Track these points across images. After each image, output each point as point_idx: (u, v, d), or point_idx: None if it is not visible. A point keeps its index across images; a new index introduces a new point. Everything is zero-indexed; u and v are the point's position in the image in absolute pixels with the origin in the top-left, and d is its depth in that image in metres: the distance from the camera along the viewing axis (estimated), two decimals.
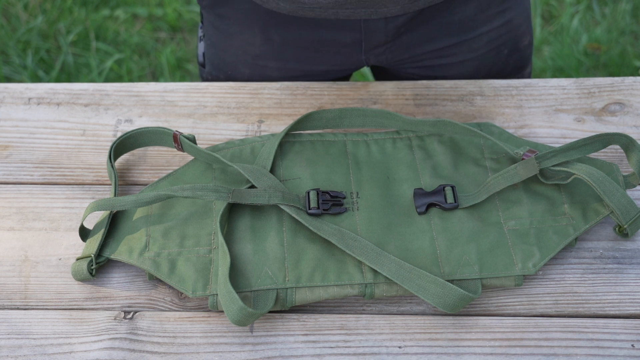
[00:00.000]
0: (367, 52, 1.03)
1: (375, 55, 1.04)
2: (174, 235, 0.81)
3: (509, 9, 1.03)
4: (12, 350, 0.75)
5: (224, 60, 1.08)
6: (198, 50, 1.12)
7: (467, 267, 0.77)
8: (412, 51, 1.04)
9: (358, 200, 0.83)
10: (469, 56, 1.04)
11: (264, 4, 0.95)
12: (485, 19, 1.02)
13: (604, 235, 0.83)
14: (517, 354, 0.73)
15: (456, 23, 1.01)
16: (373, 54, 1.03)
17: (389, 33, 1.00)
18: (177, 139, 0.88)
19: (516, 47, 1.07)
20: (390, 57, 1.04)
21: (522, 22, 1.06)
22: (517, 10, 1.05)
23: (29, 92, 1.01)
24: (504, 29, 1.04)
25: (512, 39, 1.06)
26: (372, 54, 1.03)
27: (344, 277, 0.77)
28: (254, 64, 1.05)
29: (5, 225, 0.86)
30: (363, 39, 1.00)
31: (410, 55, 1.04)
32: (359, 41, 1.01)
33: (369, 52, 1.03)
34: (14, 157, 0.93)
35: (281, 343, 0.75)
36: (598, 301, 0.77)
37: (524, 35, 1.08)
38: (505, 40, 1.05)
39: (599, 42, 2.10)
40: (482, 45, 1.04)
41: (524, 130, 0.94)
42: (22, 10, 2.20)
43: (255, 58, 1.05)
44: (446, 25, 1.01)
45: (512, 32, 1.05)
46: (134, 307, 0.79)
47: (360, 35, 1.00)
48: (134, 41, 2.14)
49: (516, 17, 1.05)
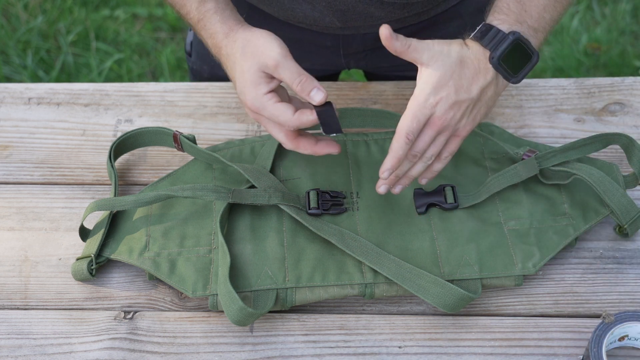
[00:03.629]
0: (347, 56, 1.03)
1: (355, 61, 1.04)
2: (174, 235, 0.81)
3: None
4: (12, 350, 0.75)
5: (208, 52, 1.08)
6: (187, 39, 1.12)
7: (467, 267, 0.77)
8: (393, 61, 1.03)
9: (358, 200, 0.83)
10: None
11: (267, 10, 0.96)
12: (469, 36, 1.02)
13: (604, 235, 0.83)
14: (517, 354, 0.73)
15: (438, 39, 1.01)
16: (353, 59, 1.04)
17: (367, 43, 1.00)
18: (177, 139, 0.88)
19: None
20: (370, 64, 1.04)
21: None
22: None
23: (29, 92, 1.01)
24: None
25: None
26: (352, 59, 1.04)
27: (344, 277, 0.77)
28: None
29: (5, 225, 0.86)
30: (341, 45, 1.01)
31: (391, 64, 1.04)
32: (337, 46, 1.01)
33: (348, 57, 1.03)
34: (14, 157, 0.93)
35: (281, 343, 0.75)
36: (598, 301, 0.77)
37: None
38: None
39: (599, 42, 2.10)
40: None
41: (524, 130, 0.94)
42: (22, 10, 2.19)
43: None
44: None
45: None
46: (134, 307, 0.79)
47: (339, 42, 1.00)
48: (134, 41, 2.14)
49: None
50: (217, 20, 0.80)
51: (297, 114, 0.74)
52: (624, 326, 0.70)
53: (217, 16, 0.80)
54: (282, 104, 0.75)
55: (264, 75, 0.75)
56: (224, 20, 0.80)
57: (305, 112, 0.74)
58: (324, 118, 0.73)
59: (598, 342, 0.69)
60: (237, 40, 0.77)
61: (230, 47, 0.78)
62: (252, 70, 0.75)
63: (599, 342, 0.69)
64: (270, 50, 0.74)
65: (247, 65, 0.75)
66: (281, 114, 0.74)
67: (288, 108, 0.74)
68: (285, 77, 0.74)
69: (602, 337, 0.69)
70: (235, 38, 0.78)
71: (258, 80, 0.75)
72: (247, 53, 0.76)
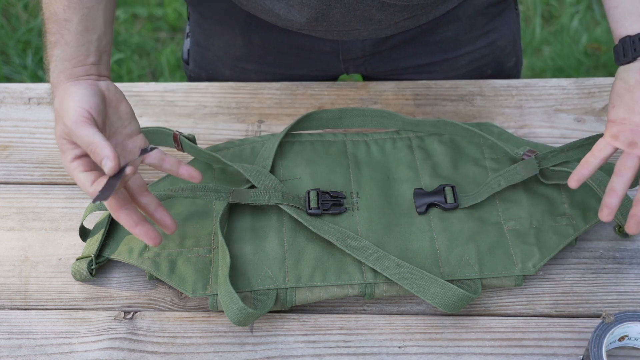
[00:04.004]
0: (346, 62, 1.03)
1: (355, 66, 1.04)
2: (174, 235, 0.81)
3: (494, 30, 1.03)
4: (12, 350, 0.75)
5: (206, 59, 1.08)
6: (184, 47, 1.12)
7: (467, 267, 0.77)
8: (392, 65, 1.04)
9: (358, 200, 0.83)
10: (450, 74, 1.04)
11: (243, 7, 0.96)
12: (468, 40, 1.02)
13: (604, 235, 0.83)
14: (517, 354, 0.73)
15: (437, 43, 1.01)
16: (352, 64, 1.03)
17: (366, 48, 1.00)
18: (177, 139, 0.88)
19: (500, 68, 1.07)
20: (369, 69, 1.04)
21: (507, 44, 1.06)
22: (502, 32, 1.04)
23: (29, 92, 1.01)
24: (487, 50, 1.04)
25: (495, 59, 1.05)
26: (351, 64, 1.04)
27: (344, 277, 0.77)
28: (234, 66, 1.05)
29: (5, 225, 0.86)
30: (340, 51, 1.01)
31: (391, 68, 1.04)
32: (336, 51, 1.01)
33: (348, 62, 1.03)
34: (14, 157, 0.93)
35: (281, 343, 0.75)
36: (598, 301, 0.77)
37: (509, 57, 1.07)
38: (488, 60, 1.05)
39: (599, 42, 2.10)
40: (464, 64, 1.04)
41: (524, 130, 0.94)
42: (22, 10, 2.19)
43: (235, 59, 1.05)
44: (427, 44, 1.01)
45: (496, 53, 1.05)
46: (134, 307, 0.79)
47: (338, 47, 1.00)
48: (134, 41, 2.14)
49: (501, 38, 1.05)
50: (56, 68, 0.76)
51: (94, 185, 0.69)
52: (624, 326, 0.70)
53: (58, 64, 0.76)
54: (83, 174, 0.70)
55: (68, 142, 0.71)
56: (62, 69, 0.75)
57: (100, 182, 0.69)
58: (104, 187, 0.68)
59: (598, 342, 0.69)
60: (56, 96, 0.75)
61: (54, 102, 0.75)
62: (58, 135, 0.72)
63: (599, 342, 0.69)
64: (68, 117, 0.70)
65: (57, 128, 0.73)
66: (82, 185, 0.70)
67: (87, 179, 0.69)
68: (80, 143, 0.70)
69: (602, 337, 0.69)
70: (55, 94, 0.75)
71: (63, 147, 0.71)
72: (57, 115, 0.73)
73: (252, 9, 0.95)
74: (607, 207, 0.72)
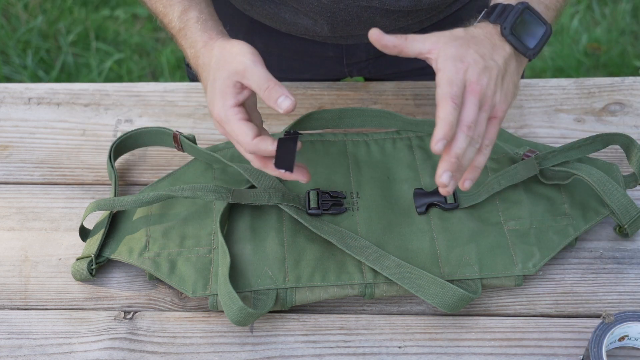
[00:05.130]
0: (350, 66, 1.03)
1: (358, 69, 1.04)
2: (174, 235, 0.81)
3: None
4: (12, 350, 0.75)
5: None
6: None
7: (467, 267, 0.77)
8: (395, 67, 1.04)
9: (358, 200, 0.83)
10: None
11: (247, 12, 0.96)
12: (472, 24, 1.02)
13: (604, 235, 0.83)
14: (517, 354, 0.73)
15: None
16: (356, 67, 1.04)
17: (370, 52, 1.00)
18: (177, 139, 0.88)
19: None
20: (373, 71, 1.04)
21: None
22: None
23: (29, 92, 1.01)
24: None
25: None
26: (355, 68, 1.04)
27: (344, 277, 0.77)
28: None
29: (5, 225, 0.86)
30: (344, 54, 1.01)
31: (394, 71, 1.04)
32: (340, 56, 1.01)
33: (352, 66, 1.03)
34: (14, 157, 0.93)
35: (281, 343, 0.75)
36: (598, 301, 0.77)
37: None
38: None
39: (599, 42, 2.10)
40: None
41: (524, 130, 0.94)
42: (22, 10, 2.20)
43: None
44: None
45: None
46: (134, 307, 0.79)
47: (342, 52, 1.00)
48: (134, 41, 2.14)
49: None
50: (197, 29, 0.78)
51: (257, 140, 0.70)
52: (624, 326, 0.70)
53: (199, 25, 0.78)
54: (245, 123, 0.71)
55: (233, 85, 0.72)
56: (205, 29, 0.78)
57: (266, 140, 0.70)
58: (281, 151, 0.68)
59: (598, 342, 0.69)
60: (214, 48, 0.75)
61: (206, 56, 0.76)
62: (222, 79, 0.72)
63: (599, 342, 0.69)
64: (242, 56, 0.71)
65: (218, 73, 0.73)
66: (241, 133, 0.70)
67: (250, 130, 0.70)
68: (252, 82, 0.70)
69: (602, 337, 0.69)
70: (212, 47, 0.76)
71: (226, 90, 0.72)
72: (220, 61, 0.73)
73: (256, 15, 0.95)
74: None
